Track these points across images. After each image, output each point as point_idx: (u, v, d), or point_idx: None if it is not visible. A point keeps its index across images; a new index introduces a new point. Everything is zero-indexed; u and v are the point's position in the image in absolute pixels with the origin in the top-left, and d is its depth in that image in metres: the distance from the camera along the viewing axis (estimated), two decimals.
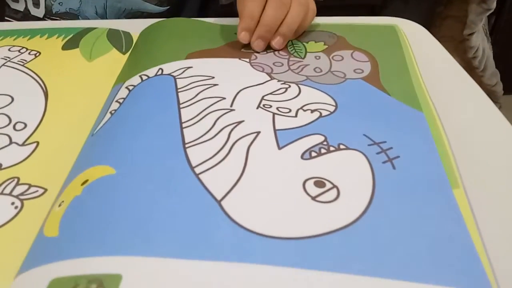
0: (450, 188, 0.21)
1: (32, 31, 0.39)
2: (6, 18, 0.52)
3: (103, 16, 0.49)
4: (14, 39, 0.38)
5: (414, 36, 0.37)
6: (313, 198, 0.20)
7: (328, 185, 0.21)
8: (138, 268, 0.18)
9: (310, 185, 0.21)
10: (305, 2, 0.35)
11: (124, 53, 0.36)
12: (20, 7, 0.51)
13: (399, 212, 0.20)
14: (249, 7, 0.33)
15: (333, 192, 0.21)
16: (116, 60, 0.35)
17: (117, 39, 0.37)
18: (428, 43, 0.38)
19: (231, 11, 0.46)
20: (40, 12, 0.50)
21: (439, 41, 0.43)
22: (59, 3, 0.49)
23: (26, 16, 0.51)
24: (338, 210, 0.20)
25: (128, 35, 0.38)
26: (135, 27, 0.39)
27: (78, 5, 0.48)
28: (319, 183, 0.21)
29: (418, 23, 0.82)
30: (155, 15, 0.51)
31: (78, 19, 0.49)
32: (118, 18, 0.50)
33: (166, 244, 0.18)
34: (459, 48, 1.27)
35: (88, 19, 0.49)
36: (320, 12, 0.38)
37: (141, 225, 0.19)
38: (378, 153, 0.23)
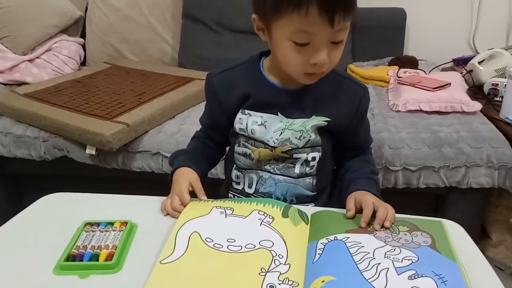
0: None
1: (264, 200, 0.80)
2: (229, 192, 0.95)
3: (285, 196, 0.90)
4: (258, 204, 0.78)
5: (453, 228, 0.75)
6: None
7: None
8: None
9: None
10: (387, 208, 0.75)
11: (307, 224, 0.75)
12: (240, 187, 0.94)
13: None
14: (367, 212, 0.74)
15: None
16: (305, 227, 0.74)
17: (303, 216, 0.77)
18: (460, 234, 0.75)
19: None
20: (251, 190, 0.93)
21: (493, 223, 0.73)
22: (264, 188, 0.91)
23: (242, 192, 0.93)
24: None
25: (306, 214, 0.78)
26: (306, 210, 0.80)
27: (273, 189, 0.90)
28: None
29: (474, 210, 1.30)
30: (308, 197, 0.91)
31: (272, 197, 0.90)
32: (291, 197, 0.90)
33: None
34: (511, 229, 1.52)
35: (277, 197, 0.89)
36: (402, 197, 0.76)
37: None
38: (438, 279, 0.59)
